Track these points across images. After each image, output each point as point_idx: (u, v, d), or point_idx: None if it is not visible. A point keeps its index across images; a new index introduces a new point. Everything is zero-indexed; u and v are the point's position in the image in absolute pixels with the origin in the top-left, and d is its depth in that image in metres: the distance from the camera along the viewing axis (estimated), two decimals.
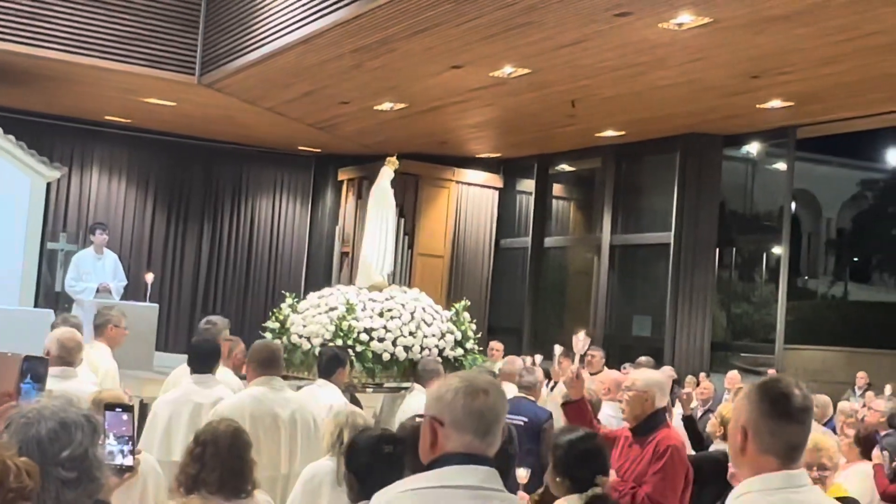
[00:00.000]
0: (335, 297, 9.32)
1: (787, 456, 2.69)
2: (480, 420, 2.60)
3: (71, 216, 18.12)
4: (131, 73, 14.01)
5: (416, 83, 13.02)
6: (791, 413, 2.71)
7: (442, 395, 2.65)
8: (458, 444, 2.59)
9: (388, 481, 2.86)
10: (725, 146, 15.46)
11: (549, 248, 18.25)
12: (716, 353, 15.53)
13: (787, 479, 2.66)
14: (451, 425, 2.60)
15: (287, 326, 9.23)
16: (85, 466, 2.37)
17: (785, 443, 2.70)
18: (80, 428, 2.40)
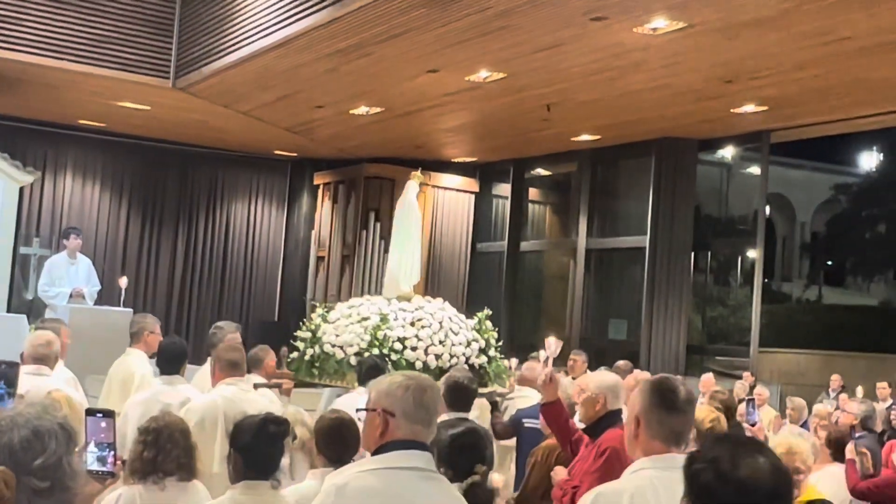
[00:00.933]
0: (366, 307, 9.55)
1: (673, 441, 3.25)
2: (427, 412, 3.08)
3: (44, 221, 17.99)
4: (105, 77, 13.93)
5: (392, 87, 13.01)
6: (676, 405, 3.28)
7: (393, 391, 3.09)
8: (408, 433, 3.04)
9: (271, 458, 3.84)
10: (700, 150, 15.53)
11: (525, 253, 18.27)
12: (691, 356, 15.59)
13: (672, 460, 3.11)
14: (403, 416, 3.04)
15: (319, 336, 9.38)
16: (58, 475, 2.32)
17: (670, 430, 3.26)
18: (53, 436, 2.36)
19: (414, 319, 9.52)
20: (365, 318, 9.43)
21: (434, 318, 9.63)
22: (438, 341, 9.46)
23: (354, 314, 9.56)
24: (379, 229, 17.90)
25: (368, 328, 9.20)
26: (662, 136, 15.01)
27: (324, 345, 9.31)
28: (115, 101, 15.38)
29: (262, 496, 3.85)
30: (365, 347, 9.07)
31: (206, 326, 18.88)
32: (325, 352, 9.27)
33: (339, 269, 18.36)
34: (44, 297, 12.29)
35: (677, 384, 3.37)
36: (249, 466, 3.94)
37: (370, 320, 9.33)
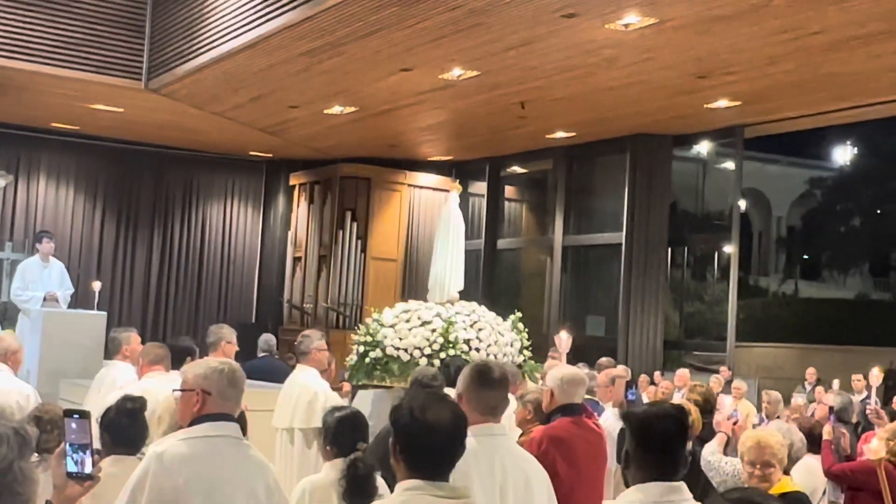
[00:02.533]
0: (425, 312, 10.00)
1: (490, 413, 3.91)
2: (236, 391, 3.73)
3: (18, 224, 17.86)
4: (77, 79, 13.83)
5: (366, 86, 12.98)
6: (491, 383, 3.93)
7: (210, 374, 3.69)
8: (221, 408, 3.66)
9: (131, 431, 4.46)
10: (675, 146, 15.57)
11: (502, 251, 18.28)
12: (669, 351, 15.63)
13: (489, 429, 3.87)
14: (218, 395, 3.66)
15: (378, 339, 9.71)
16: (7, 480, 2.30)
17: (486, 404, 3.91)
18: (5, 441, 2.34)
19: (472, 322, 10.05)
20: (427, 322, 9.88)
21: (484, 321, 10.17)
22: (493, 342, 9.98)
23: (414, 318, 9.97)
24: (355, 229, 17.87)
25: (437, 331, 9.67)
26: (637, 133, 15.04)
27: (386, 348, 9.67)
28: (88, 103, 15.28)
29: (129, 467, 3.98)
30: (438, 350, 9.59)
31: (182, 328, 18.83)
32: (388, 355, 9.63)
33: (316, 270, 18.31)
34: (17, 301, 12.18)
35: (494, 366, 4.04)
36: (116, 443, 4.43)
37: (433, 324, 9.81)
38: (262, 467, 3.77)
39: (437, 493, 2.87)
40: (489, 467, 3.79)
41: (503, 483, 3.80)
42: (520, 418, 6.33)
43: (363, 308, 17.62)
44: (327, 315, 17.74)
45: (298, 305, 18.59)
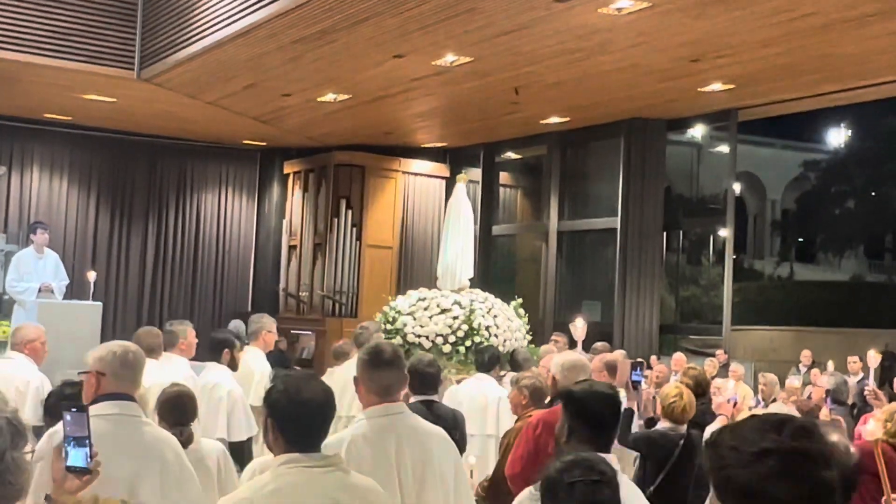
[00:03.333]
0: (440, 299, 10.51)
1: (384, 393, 4.02)
2: (131, 371, 3.94)
3: (12, 216, 17.83)
4: (69, 70, 13.79)
5: (359, 74, 12.95)
6: (382, 363, 4.02)
7: (104, 356, 3.93)
8: (117, 388, 3.88)
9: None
10: (669, 130, 15.56)
11: (497, 237, 18.28)
12: (665, 335, 15.66)
13: (385, 410, 4.00)
14: (112, 375, 3.89)
15: (398, 327, 10.16)
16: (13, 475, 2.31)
17: (379, 384, 4.02)
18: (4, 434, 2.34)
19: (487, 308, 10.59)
20: (446, 310, 10.37)
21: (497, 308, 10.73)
22: (507, 328, 10.51)
23: (433, 306, 10.46)
24: (350, 217, 17.86)
25: (459, 318, 10.12)
26: (631, 117, 15.03)
27: (406, 335, 10.15)
28: (81, 93, 15.24)
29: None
30: (463, 337, 10.06)
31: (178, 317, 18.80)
32: (409, 342, 10.12)
33: (311, 258, 18.31)
34: (12, 292, 12.18)
35: (385, 346, 4.14)
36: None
37: (452, 311, 10.30)
38: (160, 441, 3.97)
39: (312, 464, 3.14)
40: (383, 447, 3.93)
41: (399, 460, 3.92)
42: (515, 403, 6.35)
43: (359, 296, 17.63)
44: (323, 303, 17.75)
45: (294, 294, 18.58)
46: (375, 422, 3.98)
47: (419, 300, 10.73)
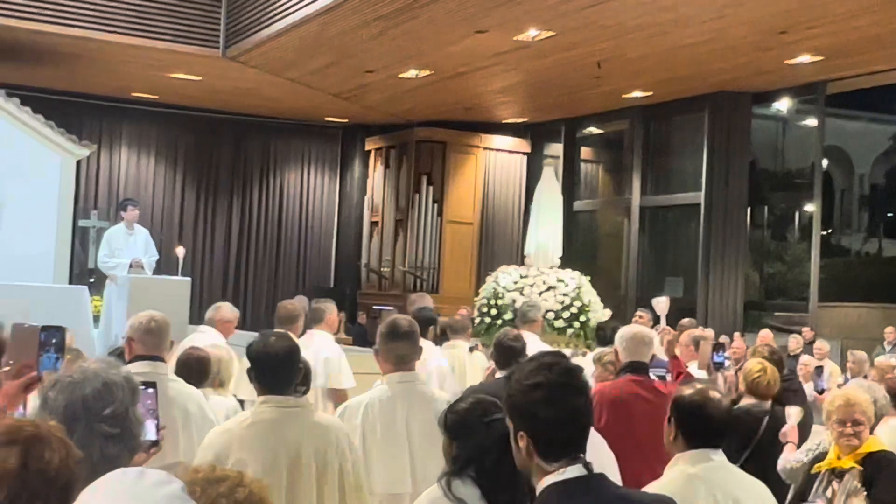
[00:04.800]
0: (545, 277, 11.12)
1: (400, 362, 4.49)
2: (153, 336, 4.58)
3: (101, 193, 18.25)
4: (156, 49, 14.05)
5: (441, 49, 12.96)
6: (398, 335, 4.48)
7: (133, 325, 4.64)
8: (143, 351, 4.55)
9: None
10: (755, 104, 15.30)
11: (579, 212, 18.18)
12: (749, 312, 15.46)
13: (402, 377, 4.47)
14: (138, 341, 4.58)
15: (506, 303, 10.77)
16: (126, 424, 2.47)
17: (396, 354, 4.48)
18: (121, 388, 2.51)
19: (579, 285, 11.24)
20: (552, 287, 11.00)
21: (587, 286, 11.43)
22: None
23: (539, 283, 11.08)
24: (431, 193, 17.92)
25: (568, 295, 10.78)
26: (716, 91, 14.80)
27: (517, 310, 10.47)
28: (167, 72, 15.51)
29: None
30: (577, 313, 10.75)
31: (262, 293, 19.14)
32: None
33: (392, 234, 18.43)
34: (104, 268, 12.47)
35: (401, 320, 4.60)
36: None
37: (558, 288, 10.96)
38: (183, 395, 4.57)
39: (283, 403, 3.93)
40: (394, 410, 4.43)
41: (409, 422, 4.40)
42: (601, 379, 6.35)
43: (440, 271, 17.71)
44: (404, 278, 17.86)
45: (376, 269, 18.73)
46: (391, 387, 4.50)
47: (521, 277, 11.20)
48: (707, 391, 3.62)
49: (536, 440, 2.53)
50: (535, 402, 2.51)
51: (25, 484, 1.85)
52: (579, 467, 2.51)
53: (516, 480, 3.04)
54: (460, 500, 3.16)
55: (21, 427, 1.96)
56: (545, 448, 2.52)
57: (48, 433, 1.97)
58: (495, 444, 3.10)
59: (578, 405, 2.56)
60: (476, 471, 3.18)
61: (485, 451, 3.17)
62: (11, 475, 1.86)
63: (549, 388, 2.51)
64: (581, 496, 2.48)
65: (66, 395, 2.44)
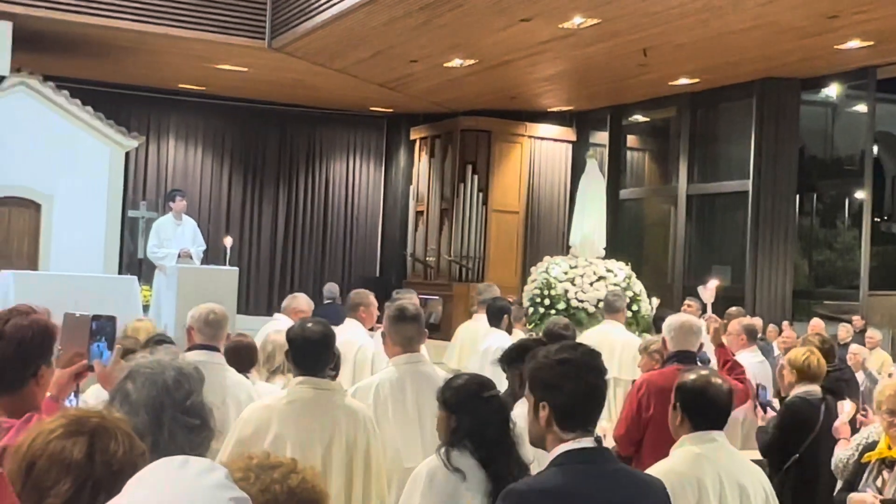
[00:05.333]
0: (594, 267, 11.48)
1: (407, 344, 4.77)
2: (211, 327, 4.91)
3: (150, 184, 18.43)
4: (203, 41, 14.15)
5: (485, 38, 12.93)
6: (405, 318, 4.75)
7: (193, 315, 4.96)
8: (202, 340, 4.90)
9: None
10: (803, 90, 15.11)
11: (625, 201, 18.08)
12: (798, 301, 15.29)
13: (408, 358, 4.74)
14: (198, 331, 4.92)
15: (558, 294, 11.12)
16: (204, 414, 2.45)
17: (403, 336, 4.76)
18: (193, 378, 2.50)
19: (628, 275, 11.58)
20: (602, 277, 11.34)
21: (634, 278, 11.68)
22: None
23: (589, 273, 11.41)
24: (476, 182, 17.90)
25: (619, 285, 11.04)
26: (763, 77, 14.64)
27: (570, 300, 11.08)
28: (214, 63, 15.62)
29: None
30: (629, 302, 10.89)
31: (308, 283, 19.23)
32: (572, 307, 11.03)
33: (437, 223, 18.44)
34: (153, 258, 12.59)
35: (408, 305, 4.93)
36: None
37: (608, 278, 11.28)
38: (236, 385, 4.83)
39: (319, 385, 4.16)
40: (403, 390, 4.71)
41: (417, 401, 4.66)
42: (647, 369, 6.32)
43: (485, 260, 17.70)
44: (450, 268, 17.87)
45: (421, 259, 18.76)
46: (398, 368, 4.77)
47: (571, 268, 11.50)
48: (709, 376, 3.79)
49: (557, 411, 2.80)
50: (560, 376, 2.80)
51: (90, 474, 1.87)
52: (591, 439, 2.81)
53: (511, 451, 3.45)
54: (458, 469, 3.42)
55: (87, 418, 1.97)
56: (564, 419, 2.80)
57: (114, 424, 1.98)
58: (493, 417, 3.48)
59: (598, 384, 2.86)
60: (474, 442, 3.45)
61: (484, 423, 3.46)
62: (77, 465, 1.88)
63: (575, 365, 2.81)
64: (589, 463, 2.78)
65: (149, 386, 2.42)
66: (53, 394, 2.93)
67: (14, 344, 2.80)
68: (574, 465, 2.76)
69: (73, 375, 2.98)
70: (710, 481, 3.56)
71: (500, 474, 3.37)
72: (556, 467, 2.78)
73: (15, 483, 1.92)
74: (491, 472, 3.41)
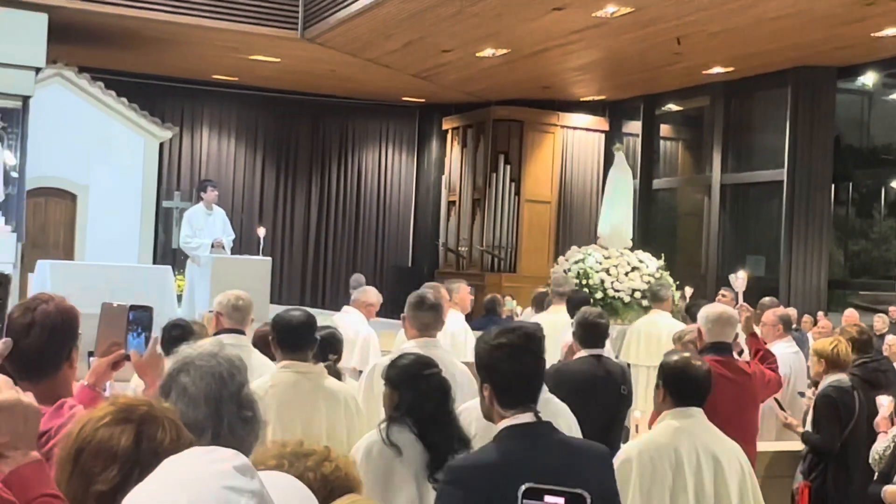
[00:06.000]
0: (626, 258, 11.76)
1: (423, 330, 4.98)
2: (238, 312, 5.20)
3: (184, 174, 18.55)
4: (236, 31, 14.21)
5: (518, 28, 12.90)
6: (423, 306, 4.99)
7: (221, 301, 5.23)
8: (229, 325, 5.17)
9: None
10: (839, 78, 14.96)
11: (658, 191, 17.99)
12: (833, 291, 15.16)
13: (424, 343, 4.86)
14: (226, 316, 5.20)
15: (594, 283, 11.38)
16: (255, 406, 2.45)
17: (421, 322, 4.98)
18: (243, 369, 2.50)
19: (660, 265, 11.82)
20: (635, 268, 11.59)
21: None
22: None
23: (623, 264, 11.64)
24: (509, 172, 17.87)
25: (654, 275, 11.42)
26: (799, 65, 14.50)
27: (607, 290, 11.30)
28: (247, 54, 15.68)
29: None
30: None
31: (342, 272, 19.30)
32: (609, 297, 11.23)
33: (470, 213, 18.43)
34: (186, 248, 12.63)
35: (428, 294, 5.15)
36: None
37: (640, 270, 11.55)
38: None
39: (299, 369, 4.45)
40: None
41: None
42: None
43: (518, 250, 17.68)
44: (482, 258, 17.86)
45: (454, 249, 18.77)
46: (424, 349, 4.76)
47: (605, 259, 11.75)
48: (689, 357, 4.07)
49: (497, 390, 3.02)
50: (497, 359, 3.02)
51: (137, 461, 1.89)
52: (530, 415, 2.99)
53: (450, 427, 3.64)
54: (394, 444, 3.60)
55: (136, 406, 2.00)
56: (503, 397, 3.02)
57: (161, 413, 2.00)
58: (433, 394, 3.66)
59: (533, 365, 3.08)
60: (414, 417, 3.64)
61: (424, 399, 3.65)
62: (124, 452, 1.91)
63: (510, 348, 3.02)
64: (529, 437, 2.98)
65: (205, 378, 2.41)
66: (91, 382, 2.97)
67: (47, 330, 2.83)
68: (512, 439, 2.97)
69: (111, 364, 3.01)
70: (686, 453, 3.79)
71: (437, 447, 3.57)
72: (495, 442, 3.01)
73: (64, 469, 1.95)
74: (428, 444, 3.60)
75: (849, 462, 5.64)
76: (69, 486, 1.94)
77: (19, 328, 2.79)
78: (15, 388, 1.99)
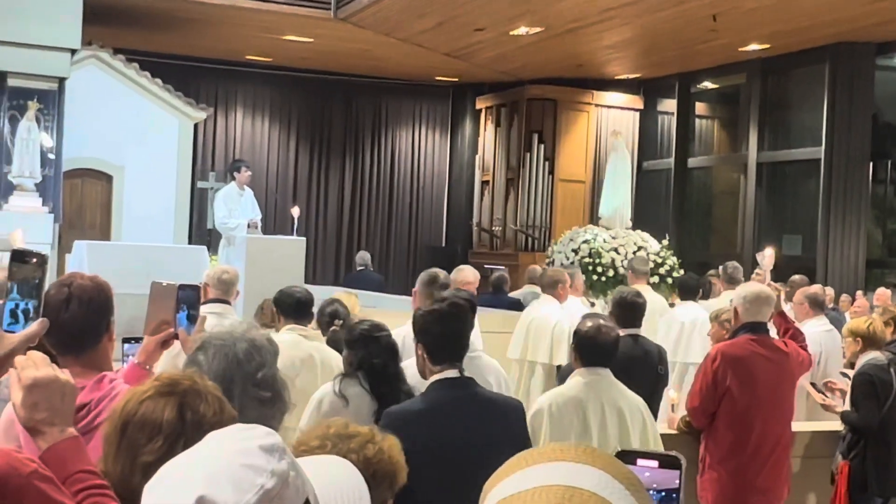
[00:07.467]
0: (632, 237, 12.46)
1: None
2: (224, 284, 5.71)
3: (218, 155, 18.62)
4: (270, 12, 14.22)
5: (552, 5, 12.81)
6: (435, 284, 5.20)
7: (209, 274, 5.80)
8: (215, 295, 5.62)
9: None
10: (878, 54, 14.75)
11: (693, 169, 17.86)
12: (871, 270, 15.00)
13: None
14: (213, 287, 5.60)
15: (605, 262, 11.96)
16: (276, 387, 2.48)
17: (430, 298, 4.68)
18: (266, 350, 2.52)
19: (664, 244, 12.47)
20: (641, 247, 12.09)
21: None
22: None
23: (630, 243, 12.21)
24: (542, 151, 17.80)
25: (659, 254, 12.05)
26: (837, 42, 14.31)
27: (618, 268, 11.83)
28: (280, 35, 15.69)
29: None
30: (669, 270, 11.93)
31: (375, 253, 19.32)
32: (620, 275, 11.66)
33: (503, 193, 18.39)
34: (222, 228, 12.65)
35: (439, 272, 5.40)
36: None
37: (644, 249, 12.03)
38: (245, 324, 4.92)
39: (302, 332, 5.23)
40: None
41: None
42: (717, 338, 6.26)
43: (552, 230, 17.62)
44: (516, 237, 17.83)
45: (487, 228, 18.74)
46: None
47: (612, 238, 12.19)
48: (600, 324, 4.44)
49: (427, 350, 3.61)
50: (429, 323, 3.63)
51: (182, 433, 1.94)
52: (455, 371, 3.56)
53: (395, 381, 4.06)
54: (342, 395, 4.06)
55: (179, 381, 2.04)
56: (433, 356, 3.60)
57: (204, 388, 2.04)
58: (381, 352, 4.12)
59: (458, 328, 3.66)
60: (365, 372, 4.09)
61: (373, 356, 4.11)
62: (169, 424, 1.96)
63: (438, 314, 3.63)
64: (453, 389, 3.54)
65: (220, 357, 2.45)
66: (141, 360, 3.00)
67: (86, 304, 2.86)
68: (439, 391, 3.53)
69: (160, 343, 3.04)
70: (591, 405, 4.25)
71: (384, 398, 3.97)
72: (425, 394, 3.60)
73: (111, 444, 2.00)
74: (377, 396, 4.03)
75: (888, 438, 5.60)
76: (117, 459, 1.98)
77: (57, 304, 2.81)
78: (52, 364, 2.00)
